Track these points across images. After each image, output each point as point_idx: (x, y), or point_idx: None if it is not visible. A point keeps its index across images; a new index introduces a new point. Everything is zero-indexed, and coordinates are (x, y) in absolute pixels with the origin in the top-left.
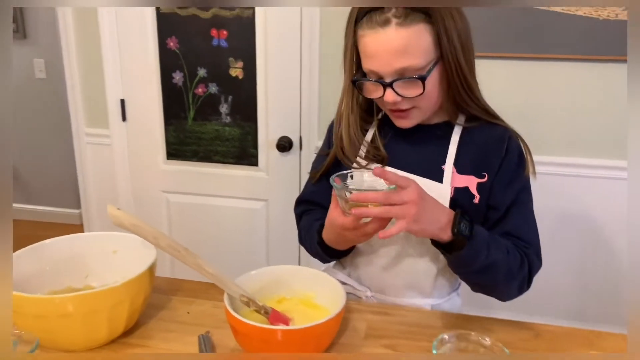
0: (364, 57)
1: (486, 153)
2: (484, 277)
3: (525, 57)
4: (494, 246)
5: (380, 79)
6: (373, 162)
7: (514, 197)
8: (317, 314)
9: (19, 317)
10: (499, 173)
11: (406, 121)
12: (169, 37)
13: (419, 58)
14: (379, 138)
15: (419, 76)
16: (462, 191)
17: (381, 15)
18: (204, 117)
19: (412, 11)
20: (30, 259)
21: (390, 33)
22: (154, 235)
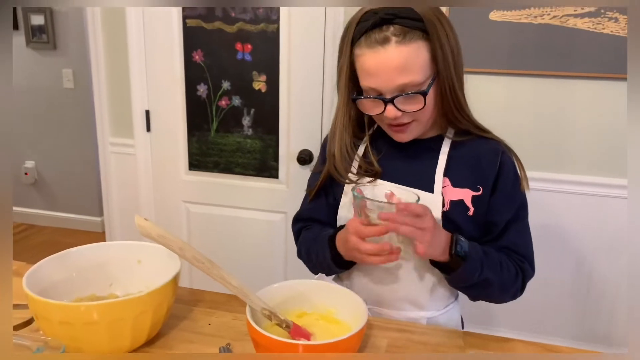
0: (363, 75)
1: (480, 166)
2: (479, 291)
3: (550, 75)
4: (488, 264)
5: (379, 95)
6: (366, 177)
7: (513, 214)
8: (338, 330)
9: (45, 323)
10: (497, 190)
11: (405, 135)
12: (195, 50)
13: (418, 74)
14: (371, 153)
15: (420, 91)
16: (457, 204)
17: (380, 34)
18: (226, 129)
19: (410, 29)
20: (57, 266)
21: (390, 51)
22: (179, 247)
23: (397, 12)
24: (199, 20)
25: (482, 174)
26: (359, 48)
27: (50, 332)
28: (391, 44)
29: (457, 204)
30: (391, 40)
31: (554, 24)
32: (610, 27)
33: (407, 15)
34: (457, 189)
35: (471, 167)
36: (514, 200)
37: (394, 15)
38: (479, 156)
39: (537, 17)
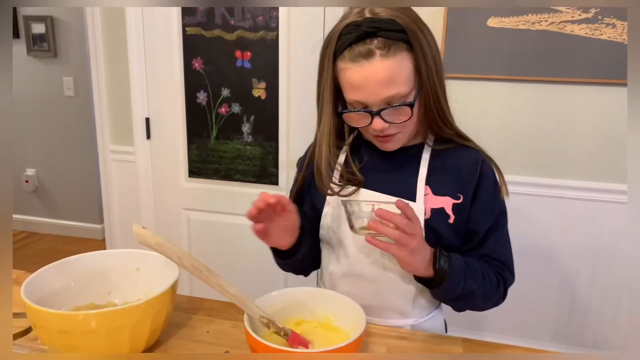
0: (348, 88)
1: (461, 175)
2: (463, 303)
3: (548, 81)
4: (471, 275)
5: (366, 107)
6: (348, 186)
7: (493, 222)
8: (337, 337)
9: (44, 332)
10: (477, 198)
11: (391, 144)
12: (194, 58)
13: (404, 86)
14: (352, 162)
15: (407, 103)
16: (437, 212)
17: (364, 47)
18: (226, 136)
19: (394, 41)
20: (56, 275)
21: (375, 65)
22: (178, 255)
23: (380, 25)
24: (199, 28)
25: (463, 182)
26: (342, 62)
27: (48, 341)
28: (376, 57)
29: (438, 212)
30: (376, 53)
31: (551, 30)
32: (608, 32)
33: (390, 27)
34: (438, 197)
35: (452, 176)
36: (493, 209)
37: (377, 28)
38: (459, 165)
39: (534, 24)
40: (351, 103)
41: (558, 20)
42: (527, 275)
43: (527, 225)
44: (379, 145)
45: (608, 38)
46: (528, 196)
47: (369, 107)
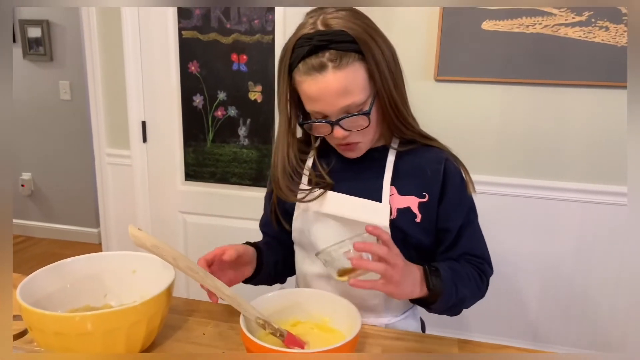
0: (306, 100)
1: (425, 174)
2: (457, 309)
3: (543, 83)
4: (460, 282)
5: (325, 117)
6: (317, 189)
7: (464, 218)
8: (332, 338)
9: (40, 334)
10: (445, 197)
11: (354, 153)
12: (191, 61)
13: (359, 95)
14: (320, 165)
15: (363, 112)
16: (404, 211)
17: (316, 60)
18: (222, 139)
19: (345, 52)
20: (51, 277)
21: (328, 77)
22: (173, 257)
23: (330, 37)
24: (195, 32)
25: (427, 181)
26: (297, 75)
27: (44, 343)
28: (328, 69)
29: (404, 211)
30: (328, 66)
31: (545, 33)
32: (601, 36)
33: (341, 39)
34: (403, 196)
35: (416, 175)
36: (463, 205)
37: (328, 41)
38: (423, 164)
39: (529, 27)
40: (312, 113)
41: (552, 24)
42: (523, 277)
43: (522, 227)
44: (344, 153)
45: (602, 41)
46: (524, 198)
47: (328, 117)
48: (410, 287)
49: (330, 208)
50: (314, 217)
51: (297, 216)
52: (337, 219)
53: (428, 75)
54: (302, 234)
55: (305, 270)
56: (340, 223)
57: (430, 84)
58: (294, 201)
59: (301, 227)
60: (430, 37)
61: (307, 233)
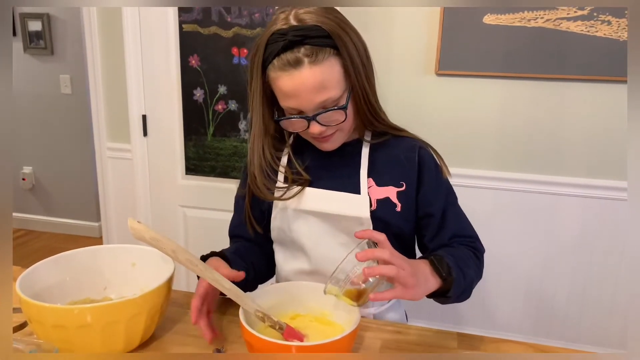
0: (282, 96)
1: (401, 163)
2: (465, 295)
3: (544, 78)
4: (464, 266)
5: (301, 113)
6: (293, 187)
7: (445, 201)
8: (332, 331)
9: (39, 326)
10: (423, 183)
11: (330, 144)
12: (191, 55)
13: (335, 89)
14: (296, 162)
15: (340, 107)
16: (383, 202)
17: (292, 55)
18: (223, 133)
19: (321, 47)
20: (51, 269)
21: (305, 73)
22: (172, 249)
23: (305, 32)
24: (195, 25)
25: (403, 170)
26: (272, 71)
27: (43, 336)
28: (304, 65)
29: (384, 202)
30: (304, 61)
31: (547, 27)
32: (603, 30)
33: (316, 34)
34: (381, 187)
35: (392, 166)
36: (441, 189)
37: (303, 36)
38: (397, 154)
39: (530, 21)
40: (287, 110)
41: (554, 17)
42: (523, 271)
43: (522, 222)
44: (319, 146)
45: (604, 35)
46: (524, 193)
47: (304, 112)
48: (424, 283)
49: (310, 204)
50: (294, 215)
51: (276, 215)
52: (318, 215)
53: (429, 70)
54: (281, 232)
55: (288, 268)
56: (320, 219)
57: (432, 78)
58: (272, 200)
59: (280, 226)
60: (432, 32)
61: (288, 231)
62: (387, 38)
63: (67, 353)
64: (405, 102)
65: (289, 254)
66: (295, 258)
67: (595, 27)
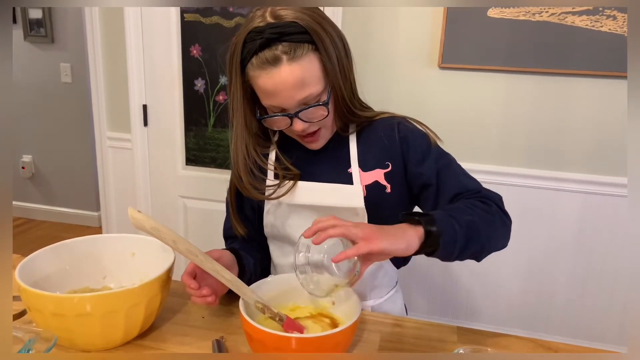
0: (262, 95)
1: (383, 144)
2: (476, 244)
3: (548, 72)
4: (457, 213)
5: (283, 111)
6: (286, 182)
7: (437, 166)
8: (331, 324)
9: (38, 314)
10: (409, 157)
11: (317, 143)
12: (192, 45)
13: (316, 85)
14: (284, 158)
15: (322, 103)
16: (372, 186)
17: (270, 53)
18: (223, 124)
19: (298, 43)
20: (51, 258)
21: (284, 70)
22: (173, 239)
23: (282, 29)
24: (197, 15)
25: (386, 150)
26: (251, 70)
27: (43, 324)
28: (283, 62)
29: (373, 186)
30: (282, 58)
31: (552, 22)
32: (609, 24)
33: (293, 30)
34: (367, 172)
35: (375, 148)
36: (429, 155)
37: (280, 33)
38: (378, 136)
39: (535, 15)
40: (269, 108)
41: (559, 12)
42: (522, 266)
43: (523, 217)
44: (306, 145)
45: (609, 30)
46: (526, 188)
47: (286, 110)
48: (400, 235)
49: (303, 198)
50: (288, 210)
51: (269, 211)
52: (312, 208)
53: (432, 63)
54: (275, 228)
55: (284, 263)
56: (314, 212)
57: (435, 71)
58: (262, 199)
59: (274, 222)
60: (435, 25)
61: (282, 226)
62: (391, 31)
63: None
64: (408, 95)
65: (284, 249)
66: (290, 253)
67: (600, 22)
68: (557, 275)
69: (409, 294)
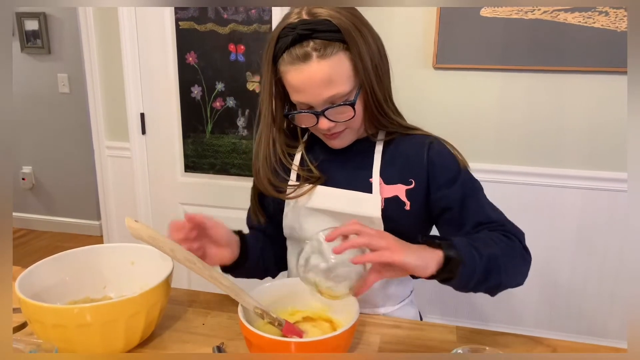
0: (291, 91)
1: (409, 161)
2: (495, 277)
3: (542, 70)
4: (479, 244)
5: (310, 108)
6: (306, 184)
7: (462, 191)
8: (331, 327)
9: (39, 326)
10: (435, 178)
11: (338, 142)
12: (188, 52)
13: (344, 85)
14: (309, 160)
15: (348, 102)
16: (391, 200)
17: (300, 49)
18: (221, 130)
19: (330, 41)
20: (50, 269)
21: (313, 67)
22: (170, 248)
23: (314, 27)
24: (192, 22)
25: (412, 167)
26: (282, 65)
27: (43, 336)
28: (313, 59)
29: (392, 200)
30: (312, 55)
31: (544, 19)
32: (601, 20)
33: (325, 28)
34: (389, 186)
35: (401, 163)
36: (456, 179)
37: (311, 30)
38: (407, 152)
39: (527, 13)
40: (297, 104)
41: (551, 9)
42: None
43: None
44: (329, 143)
45: (601, 26)
46: (524, 185)
47: (313, 107)
48: (421, 254)
49: (321, 202)
50: (305, 212)
51: (287, 212)
52: (328, 213)
53: (427, 63)
54: (292, 229)
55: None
56: (331, 217)
57: (429, 71)
58: (276, 197)
59: (292, 224)
60: (429, 25)
61: (299, 229)
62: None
63: (67, 353)
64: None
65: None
66: None
67: (592, 18)
68: (558, 272)
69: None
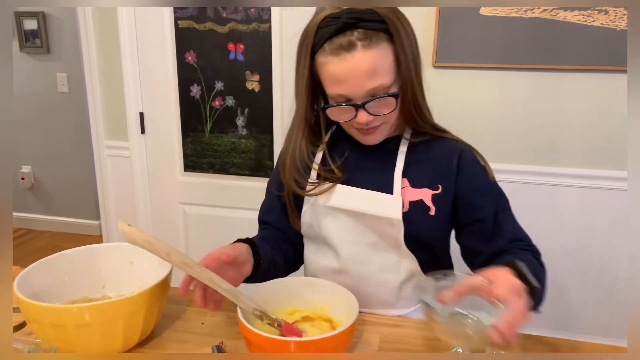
0: (330, 82)
1: (439, 165)
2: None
3: (542, 69)
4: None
5: (349, 101)
6: (327, 183)
7: (496, 205)
8: (330, 326)
9: (37, 326)
10: (465, 187)
11: (373, 137)
12: (187, 52)
13: (387, 77)
14: (331, 158)
15: (392, 94)
16: (416, 204)
17: (344, 39)
18: (220, 129)
19: (375, 31)
20: (49, 269)
21: (358, 56)
22: (166, 252)
23: (360, 16)
24: (191, 21)
25: (441, 172)
26: (322, 56)
27: (42, 335)
28: (358, 49)
29: (417, 204)
30: (357, 45)
31: (544, 18)
32: (600, 19)
33: (370, 17)
34: (415, 189)
35: (429, 167)
36: (491, 191)
37: (357, 19)
38: (436, 156)
39: (527, 11)
40: (334, 97)
41: (550, 7)
42: None
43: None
44: (360, 138)
45: (601, 25)
46: (523, 184)
47: (352, 100)
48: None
49: (340, 201)
50: (324, 211)
51: (306, 210)
52: (347, 212)
53: (426, 62)
54: (311, 227)
55: (316, 265)
56: (350, 216)
57: (429, 70)
58: (298, 192)
59: (310, 222)
60: (428, 24)
61: (317, 227)
62: None
63: (66, 353)
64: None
65: (318, 251)
66: (323, 254)
67: (592, 17)
68: (557, 271)
69: None
